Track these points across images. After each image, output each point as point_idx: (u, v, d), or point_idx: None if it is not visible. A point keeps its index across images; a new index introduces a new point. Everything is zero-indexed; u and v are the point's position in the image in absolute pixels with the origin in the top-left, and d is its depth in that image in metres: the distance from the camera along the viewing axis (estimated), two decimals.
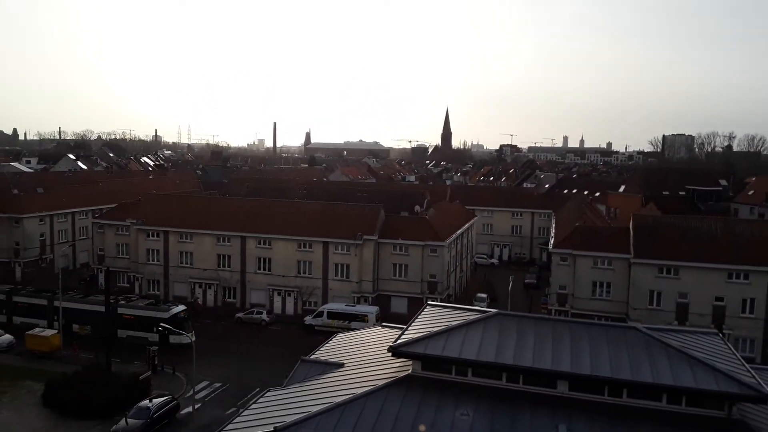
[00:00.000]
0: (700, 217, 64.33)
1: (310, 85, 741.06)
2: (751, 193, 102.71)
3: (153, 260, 68.67)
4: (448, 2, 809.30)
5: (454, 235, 69.04)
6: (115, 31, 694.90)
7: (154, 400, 39.34)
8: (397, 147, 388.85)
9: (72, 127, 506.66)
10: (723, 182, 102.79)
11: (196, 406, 40.52)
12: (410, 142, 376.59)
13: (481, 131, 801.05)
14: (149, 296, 64.18)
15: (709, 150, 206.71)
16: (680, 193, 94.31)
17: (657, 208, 75.19)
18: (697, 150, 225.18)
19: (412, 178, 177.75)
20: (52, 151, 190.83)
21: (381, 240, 63.83)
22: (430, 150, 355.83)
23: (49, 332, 51.75)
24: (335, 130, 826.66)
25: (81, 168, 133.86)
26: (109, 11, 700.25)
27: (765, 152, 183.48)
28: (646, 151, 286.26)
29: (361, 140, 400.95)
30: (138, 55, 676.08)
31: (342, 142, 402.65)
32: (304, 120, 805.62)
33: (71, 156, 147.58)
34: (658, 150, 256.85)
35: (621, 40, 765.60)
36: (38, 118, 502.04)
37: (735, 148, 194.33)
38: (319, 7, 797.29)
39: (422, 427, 21.89)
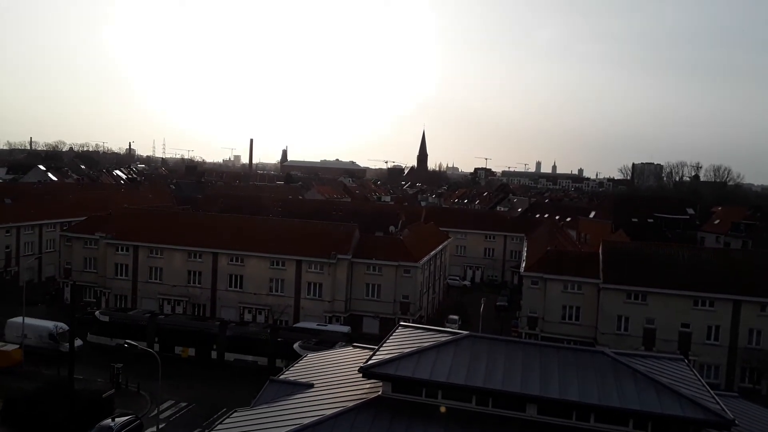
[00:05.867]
0: (667, 244, 65.64)
1: (288, 103, 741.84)
2: (716, 222, 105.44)
3: (121, 275, 67.43)
4: (425, 26, 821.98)
5: (427, 257, 69.24)
6: (89, 42, 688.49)
7: (116, 419, 38.24)
8: (373, 167, 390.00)
9: (43, 138, 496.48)
10: (690, 211, 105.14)
11: (161, 426, 39.47)
12: (386, 162, 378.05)
13: (456, 154, 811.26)
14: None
15: (677, 179, 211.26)
16: (649, 220, 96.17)
17: (626, 234, 76.59)
18: (665, 179, 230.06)
19: (387, 198, 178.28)
20: (21, 161, 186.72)
21: (355, 259, 63.70)
22: (406, 171, 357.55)
23: (10, 347, 50.15)
24: (312, 149, 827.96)
25: (51, 179, 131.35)
26: (83, 22, 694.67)
27: (730, 182, 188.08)
28: (616, 178, 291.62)
29: (337, 159, 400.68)
30: (113, 67, 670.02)
31: (319, 160, 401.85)
32: (281, 138, 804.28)
33: (41, 167, 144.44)
34: (628, 178, 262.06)
35: (593, 69, 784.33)
36: (8, 128, 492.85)
37: (702, 178, 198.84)
38: (299, 25, 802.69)
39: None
